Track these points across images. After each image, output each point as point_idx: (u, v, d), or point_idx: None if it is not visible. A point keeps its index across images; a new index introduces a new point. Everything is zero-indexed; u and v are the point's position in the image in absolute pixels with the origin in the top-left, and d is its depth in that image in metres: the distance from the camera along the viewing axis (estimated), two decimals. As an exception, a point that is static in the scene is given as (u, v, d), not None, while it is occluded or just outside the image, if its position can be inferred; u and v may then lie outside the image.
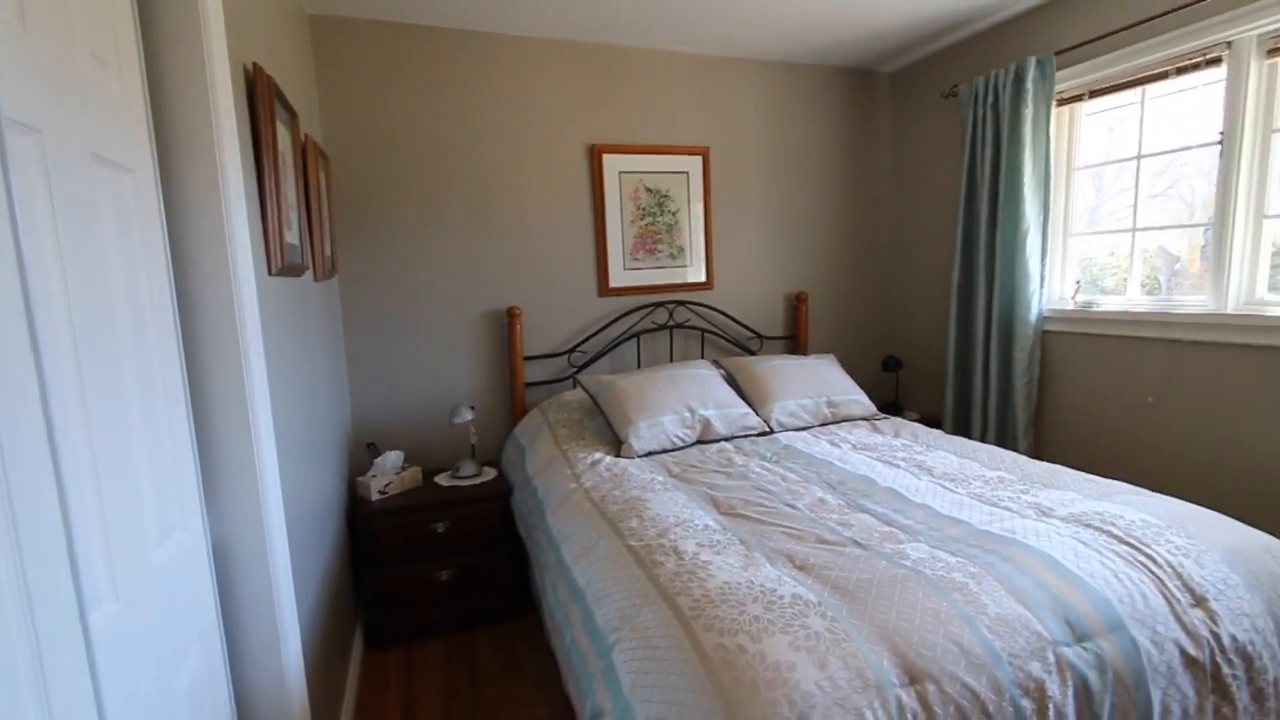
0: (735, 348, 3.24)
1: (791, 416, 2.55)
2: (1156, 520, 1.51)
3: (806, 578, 1.33)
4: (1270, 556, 1.44)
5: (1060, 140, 2.63)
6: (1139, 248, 2.45)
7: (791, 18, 2.70)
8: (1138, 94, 2.39)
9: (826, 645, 1.10)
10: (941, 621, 1.17)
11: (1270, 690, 1.30)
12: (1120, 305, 2.47)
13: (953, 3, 2.62)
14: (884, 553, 1.42)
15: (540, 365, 2.95)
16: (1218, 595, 1.32)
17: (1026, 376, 2.65)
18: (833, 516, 1.65)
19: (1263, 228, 2.07)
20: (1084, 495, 1.69)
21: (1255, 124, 2.05)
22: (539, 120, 2.85)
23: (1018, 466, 1.95)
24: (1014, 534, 1.47)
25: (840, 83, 3.38)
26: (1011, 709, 1.09)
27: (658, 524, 1.62)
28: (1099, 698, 1.15)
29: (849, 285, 3.52)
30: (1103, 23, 2.38)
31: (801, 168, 3.36)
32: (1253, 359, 2.05)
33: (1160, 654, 1.21)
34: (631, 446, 2.26)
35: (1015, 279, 2.63)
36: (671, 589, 1.30)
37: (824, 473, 2.00)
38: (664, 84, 3.05)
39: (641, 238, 3.09)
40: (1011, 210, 2.60)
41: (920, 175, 3.31)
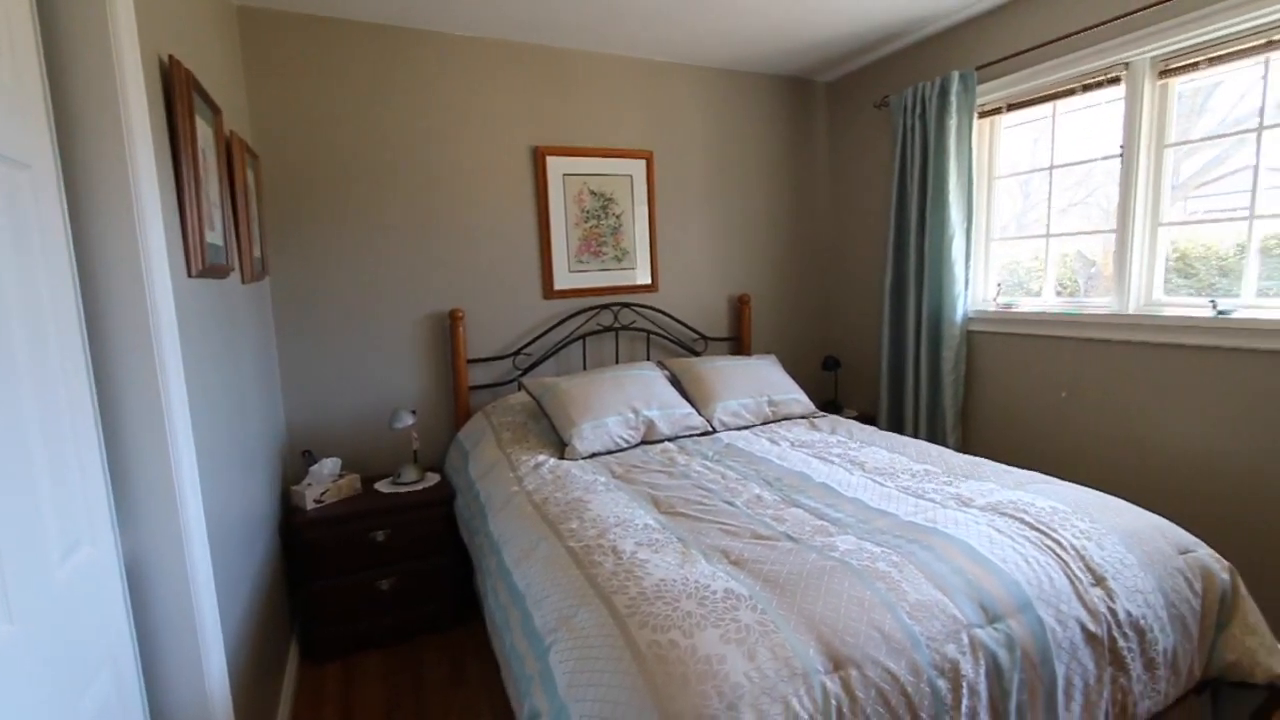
0: (680, 349, 3.28)
1: (734, 416, 2.61)
2: (1064, 507, 1.61)
3: (740, 572, 1.36)
4: (1162, 537, 1.56)
5: (982, 150, 2.78)
6: (1057, 252, 2.62)
7: (732, 27, 2.76)
8: (1050, 108, 2.55)
9: (756, 637, 1.14)
10: (865, 609, 1.22)
11: (1160, 659, 1.41)
12: (1036, 306, 2.63)
13: (883, 17, 2.74)
14: (815, 546, 1.47)
15: (485, 368, 2.92)
16: (1115, 574, 1.43)
17: (954, 374, 2.79)
18: (768, 512, 1.70)
19: (1158, 235, 2.25)
20: (1001, 485, 1.79)
21: (1150, 138, 2.22)
22: (482, 121, 2.82)
23: (943, 460, 2.06)
24: (936, 524, 1.55)
25: (780, 91, 3.48)
26: (929, 689, 1.15)
27: (598, 525, 1.63)
28: (1008, 674, 1.22)
29: (790, 287, 3.62)
30: (1017, 41, 2.54)
31: (743, 173, 3.44)
32: (1151, 355, 2.22)
33: (1064, 631, 1.30)
34: (575, 448, 2.26)
35: (942, 282, 2.77)
36: (609, 588, 1.31)
37: (762, 470, 2.05)
38: (608, 87, 3.07)
39: (586, 240, 3.09)
40: (938, 216, 2.74)
41: (855, 181, 3.44)
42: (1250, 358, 1.97)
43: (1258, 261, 2.02)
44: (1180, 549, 1.54)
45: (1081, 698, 1.30)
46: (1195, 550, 1.56)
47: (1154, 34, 2.12)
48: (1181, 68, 2.12)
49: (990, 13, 2.64)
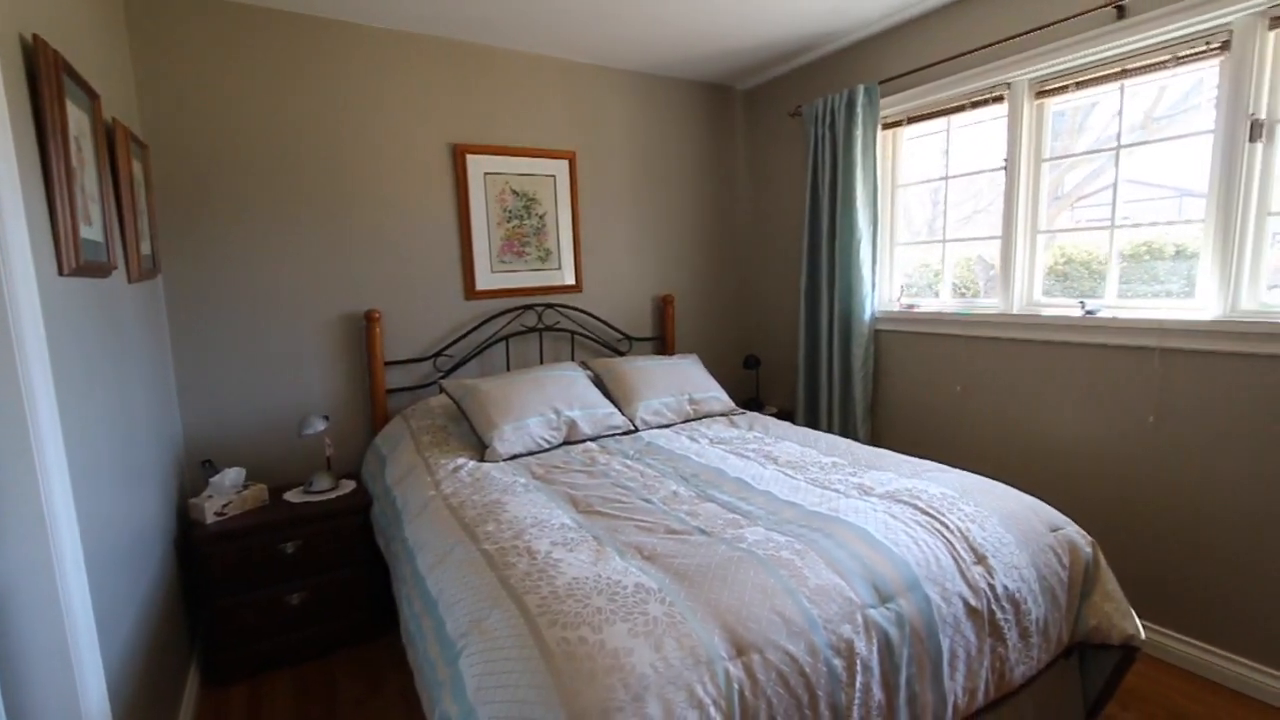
0: (605, 349, 3.30)
1: (656, 415, 2.66)
2: (952, 492, 1.74)
3: (652, 567, 1.40)
4: (1036, 517, 1.71)
5: (886, 160, 2.95)
6: (956, 257, 2.80)
7: (652, 32, 2.81)
8: (945, 123, 2.74)
9: (663, 629, 1.17)
10: (768, 596, 1.28)
11: (1034, 628, 1.55)
12: (935, 307, 2.82)
13: (794, 30, 2.86)
14: (725, 538, 1.53)
15: (403, 370, 2.84)
16: (995, 553, 1.56)
17: (863, 371, 2.94)
18: (683, 507, 1.75)
19: (1037, 241, 2.46)
20: (899, 474, 1.92)
21: (1029, 153, 2.43)
22: (398, 116, 2.74)
23: (850, 452, 2.17)
24: (838, 513, 1.64)
25: (700, 96, 3.56)
26: (825, 668, 1.22)
27: (514, 526, 1.63)
28: (898, 650, 1.31)
29: (713, 288, 3.71)
30: (916, 58, 2.71)
31: (666, 175, 3.50)
32: (1031, 352, 2.43)
33: (948, 607, 1.41)
34: (496, 450, 2.24)
35: (851, 283, 2.92)
36: (521, 589, 1.32)
37: (680, 467, 2.10)
38: (530, 87, 3.05)
39: (509, 240, 3.06)
40: (847, 221, 2.88)
41: (773, 186, 3.57)
42: (1112, 352, 2.19)
43: (1118, 267, 2.25)
44: (1051, 527, 1.70)
45: (964, 668, 1.42)
46: (1064, 528, 1.72)
47: (1030, 58, 2.32)
48: (1054, 89, 2.33)
49: (891, 31, 2.81)
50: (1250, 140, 1.88)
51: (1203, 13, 1.90)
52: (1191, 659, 2.07)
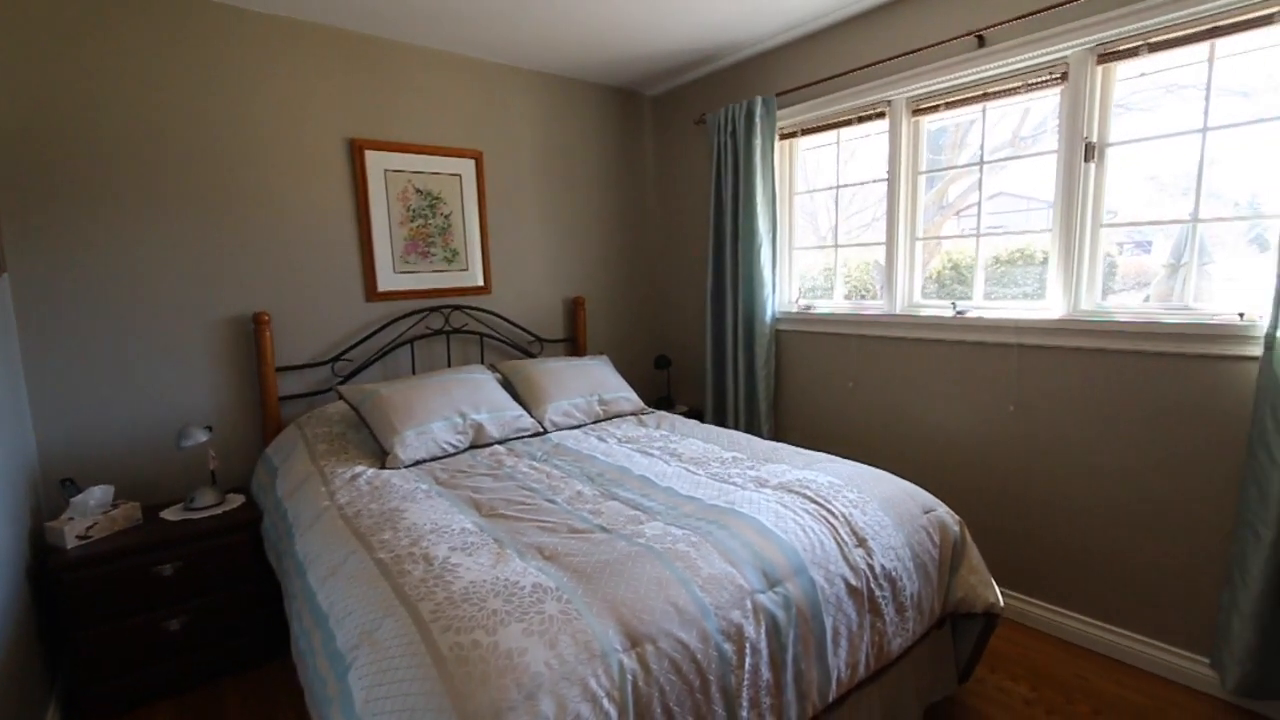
0: (515, 351, 3.28)
1: (565, 416, 2.66)
2: (839, 481, 1.87)
3: (551, 566, 1.41)
4: (912, 500, 1.87)
5: (783, 168, 3.11)
6: (858, 260, 2.96)
7: (557, 33, 2.82)
8: (836, 135, 2.92)
9: (558, 626, 1.19)
10: (663, 588, 1.33)
11: (909, 603, 1.69)
12: (829, 308, 2.99)
13: (696, 40, 2.95)
14: (625, 534, 1.56)
15: (298, 376, 2.70)
16: (874, 535, 1.68)
17: (765, 369, 3.08)
18: (587, 506, 1.77)
19: (916, 247, 2.67)
20: (794, 466, 2.03)
21: (908, 166, 2.63)
22: (289, 108, 2.60)
23: (749, 447, 2.27)
24: (734, 505, 1.71)
25: (610, 101, 3.60)
26: (716, 653, 1.28)
27: (412, 533, 1.59)
28: (785, 631, 1.40)
29: (625, 290, 3.76)
30: (809, 73, 2.87)
31: (577, 178, 3.51)
32: (912, 349, 2.63)
33: (831, 588, 1.51)
34: (398, 457, 2.18)
35: (753, 286, 3.05)
36: (416, 596, 1.29)
37: (587, 467, 2.13)
38: (435, 84, 2.98)
39: (413, 240, 2.98)
40: (748, 226, 3.01)
41: (680, 191, 3.66)
42: (979, 349, 2.42)
43: (984, 271, 2.49)
44: (925, 509, 1.86)
45: (846, 643, 1.52)
46: (936, 509, 1.88)
47: (907, 78, 2.52)
48: (928, 108, 2.54)
49: (786, 46, 2.96)
50: (1085, 160, 2.13)
51: (1045, 46, 2.14)
52: (1049, 622, 2.32)
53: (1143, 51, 1.99)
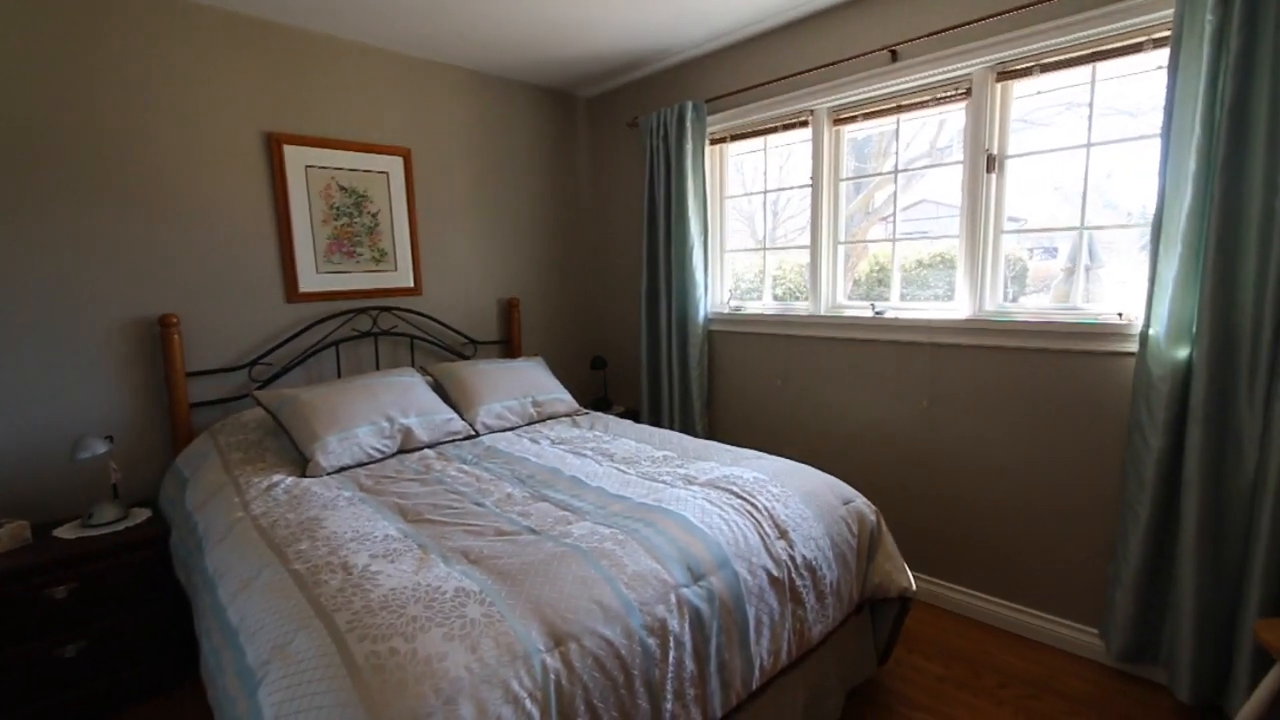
0: (448, 353, 3.21)
1: (498, 418, 2.64)
2: (764, 476, 1.93)
3: (476, 570, 1.40)
4: (831, 492, 1.95)
5: (714, 173, 3.18)
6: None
7: (486, 31, 2.78)
8: (763, 141, 3.01)
9: (480, 630, 1.18)
10: (588, 586, 1.34)
11: (829, 591, 1.77)
12: (758, 309, 3.08)
13: (628, 44, 2.98)
14: (553, 535, 1.57)
15: (212, 382, 2.56)
16: (796, 527, 1.75)
17: (699, 369, 3.15)
18: (516, 508, 1.77)
19: (839, 251, 2.79)
20: (722, 463, 2.08)
21: (830, 173, 2.75)
22: (197, 96, 2.46)
23: (680, 445, 2.32)
24: (661, 502, 1.75)
25: (544, 101, 3.59)
26: (640, 648, 1.30)
27: (331, 542, 1.54)
28: (708, 623, 1.44)
29: (560, 291, 3.75)
30: (736, 80, 2.95)
31: (511, 178, 3.48)
32: (837, 348, 2.75)
33: (754, 579, 1.57)
34: (319, 464, 2.10)
35: (686, 287, 3.10)
36: (332, 607, 1.26)
37: (518, 469, 2.11)
38: (359, 78, 2.89)
39: (337, 239, 2.87)
40: (680, 229, 3.06)
41: (615, 193, 3.68)
42: (896, 348, 2.55)
43: (899, 274, 2.62)
44: (844, 500, 1.95)
45: (769, 632, 1.58)
46: (854, 500, 1.97)
47: (828, 89, 2.63)
48: (848, 118, 2.66)
49: (716, 54, 3.03)
50: (988, 171, 2.29)
51: (951, 63, 2.28)
52: (960, 603, 2.47)
53: (1035, 71, 2.15)
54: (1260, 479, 1.73)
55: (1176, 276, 1.81)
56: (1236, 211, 1.72)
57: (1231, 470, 1.79)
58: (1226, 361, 1.77)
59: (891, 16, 2.42)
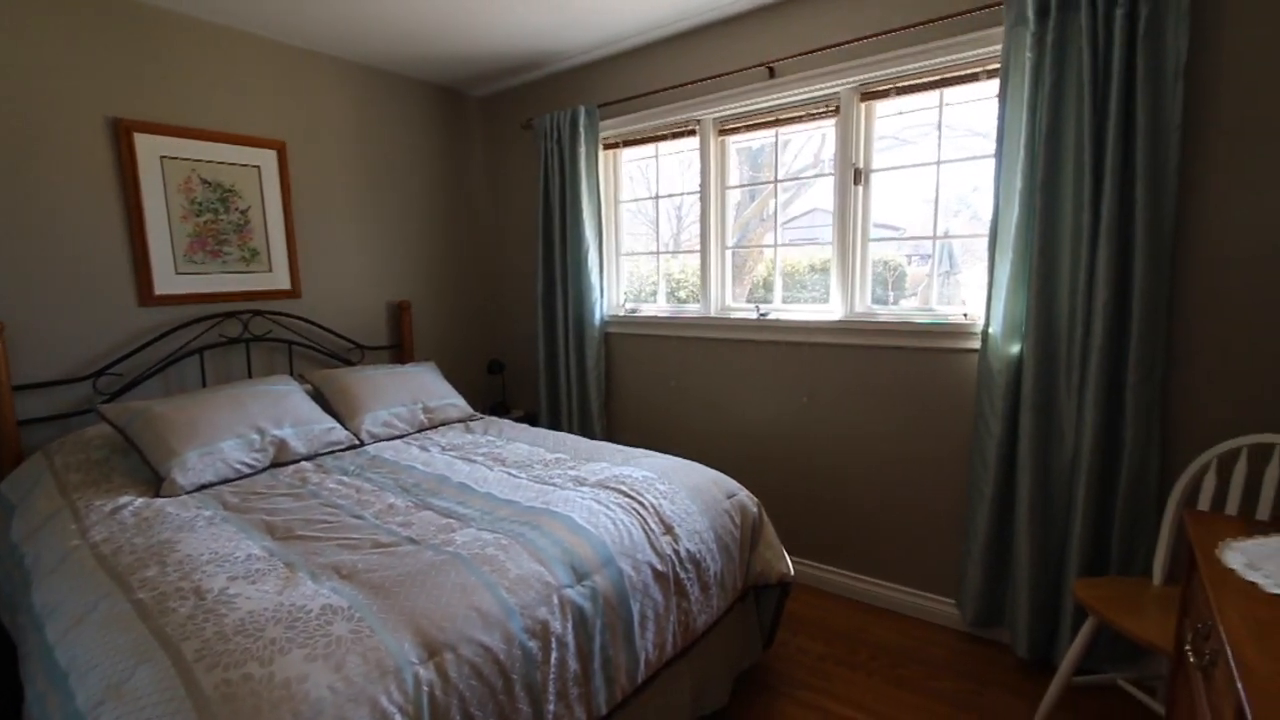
0: (334, 360, 3.05)
1: (385, 426, 2.53)
2: (652, 474, 1.98)
3: (348, 585, 1.34)
4: (716, 487, 2.03)
5: (608, 177, 3.22)
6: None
7: (365, 23, 2.67)
8: (655, 148, 3.09)
9: (347, 647, 1.14)
10: (467, 594, 1.33)
11: (713, 582, 1.84)
12: (652, 312, 3.15)
13: (517, 45, 2.96)
14: (434, 544, 1.53)
15: (46, 396, 2.28)
16: (681, 522, 1.81)
17: (596, 371, 3.17)
18: (398, 519, 1.71)
19: (726, 256, 2.91)
20: (613, 463, 2.12)
21: (717, 181, 2.86)
22: (26, 74, 2.19)
23: (574, 447, 2.33)
24: (550, 505, 1.75)
25: (434, 98, 3.48)
26: (520, 652, 1.30)
27: (184, 567, 1.42)
28: (592, 621, 1.46)
29: (455, 293, 3.65)
30: (628, 88, 3.00)
31: (401, 176, 3.35)
32: (726, 349, 2.86)
33: (638, 575, 1.61)
34: (176, 482, 1.93)
35: (582, 290, 3.12)
36: (179, 636, 1.16)
37: (403, 478, 2.04)
38: (227, 65, 2.68)
39: (200, 237, 2.65)
40: (576, 232, 3.08)
41: (510, 194, 3.64)
42: (778, 348, 2.69)
43: (781, 279, 2.78)
44: (728, 494, 2.03)
45: (653, 626, 1.62)
46: (738, 494, 2.07)
47: (714, 100, 2.74)
48: (732, 129, 2.78)
49: (608, 60, 3.07)
50: (855, 183, 2.47)
51: (821, 82, 2.44)
52: (840, 585, 2.65)
53: (893, 93, 2.35)
54: (1076, 459, 1.99)
55: (1009, 281, 2.05)
56: (1054, 225, 1.97)
57: (1055, 452, 2.05)
58: (1049, 356, 2.02)
59: (768, 35, 2.56)
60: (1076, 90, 1.88)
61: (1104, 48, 1.82)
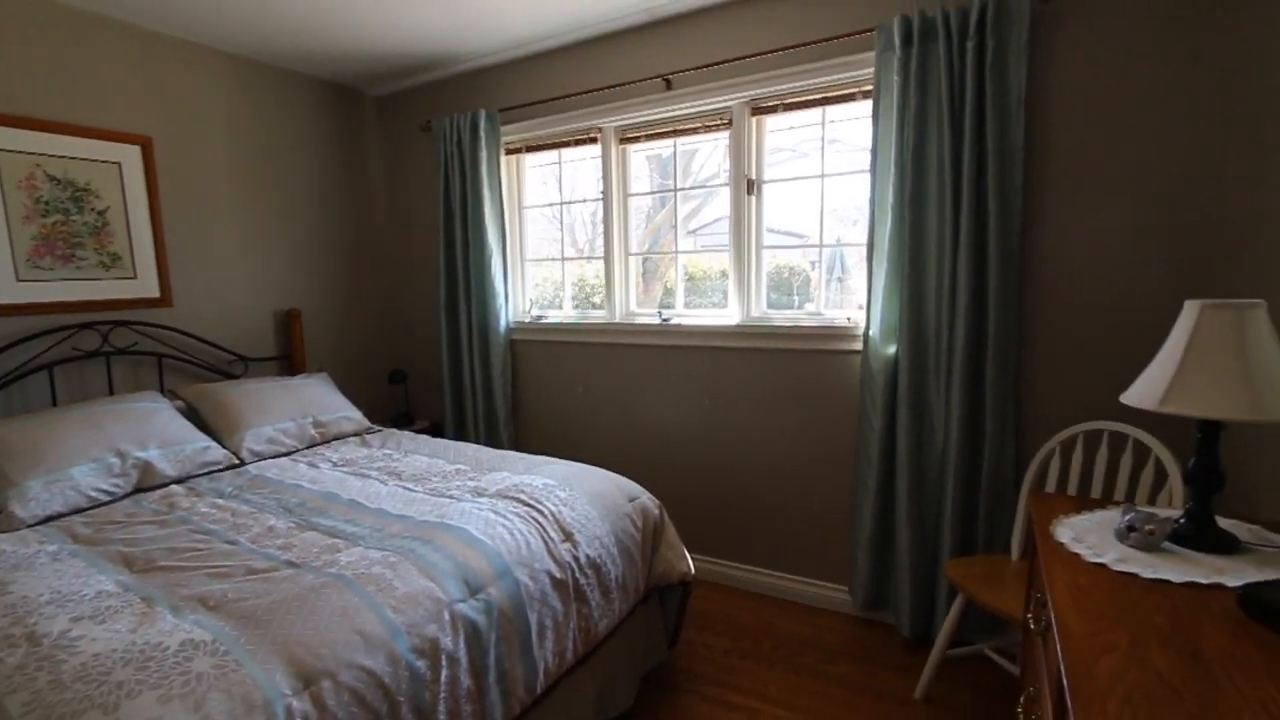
0: (213, 374, 2.82)
1: (270, 443, 2.38)
2: (553, 482, 1.98)
3: (214, 617, 1.25)
4: (618, 491, 2.06)
5: (511, 183, 3.18)
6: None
7: (242, 13, 2.50)
8: (558, 154, 3.08)
9: (208, 684, 1.06)
10: (349, 616, 1.27)
11: (614, 586, 1.86)
12: (558, 318, 3.15)
13: (413, 44, 2.87)
14: (315, 567, 1.45)
15: None
16: (581, 528, 1.82)
17: (502, 379, 3.12)
18: (277, 541, 1.61)
19: (629, 262, 2.95)
20: (514, 472, 2.09)
21: (619, 188, 2.90)
22: None
23: (476, 457, 2.29)
24: (444, 518, 1.71)
25: (327, 96, 3.31)
26: (407, 673, 1.26)
27: (17, 610, 1.27)
28: (486, 635, 1.44)
29: (351, 301, 3.48)
30: (529, 93, 2.99)
31: (291, 178, 3.16)
32: (631, 354, 2.90)
33: (535, 585, 1.60)
34: (15, 515, 1.72)
35: (486, 296, 3.07)
36: (5, 689, 1.04)
37: (286, 498, 1.93)
38: (80, 52, 2.43)
39: (48, 240, 2.39)
40: (478, 237, 3.02)
41: (410, 198, 3.52)
42: (682, 351, 2.76)
43: (682, 285, 2.85)
44: (630, 497, 2.06)
45: (552, 634, 1.62)
46: (640, 496, 2.10)
47: (614, 109, 2.77)
48: (633, 138, 2.83)
49: (509, 64, 3.04)
50: (748, 194, 2.58)
51: (715, 96, 2.53)
52: (745, 579, 2.74)
53: (780, 109, 2.47)
54: (946, 450, 2.16)
55: (885, 287, 2.20)
56: (921, 236, 2.14)
57: (928, 444, 2.22)
58: (920, 356, 2.19)
59: (666, 49, 2.63)
60: (937, 113, 2.06)
61: (959, 75, 2.00)
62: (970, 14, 1.95)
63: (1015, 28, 1.92)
